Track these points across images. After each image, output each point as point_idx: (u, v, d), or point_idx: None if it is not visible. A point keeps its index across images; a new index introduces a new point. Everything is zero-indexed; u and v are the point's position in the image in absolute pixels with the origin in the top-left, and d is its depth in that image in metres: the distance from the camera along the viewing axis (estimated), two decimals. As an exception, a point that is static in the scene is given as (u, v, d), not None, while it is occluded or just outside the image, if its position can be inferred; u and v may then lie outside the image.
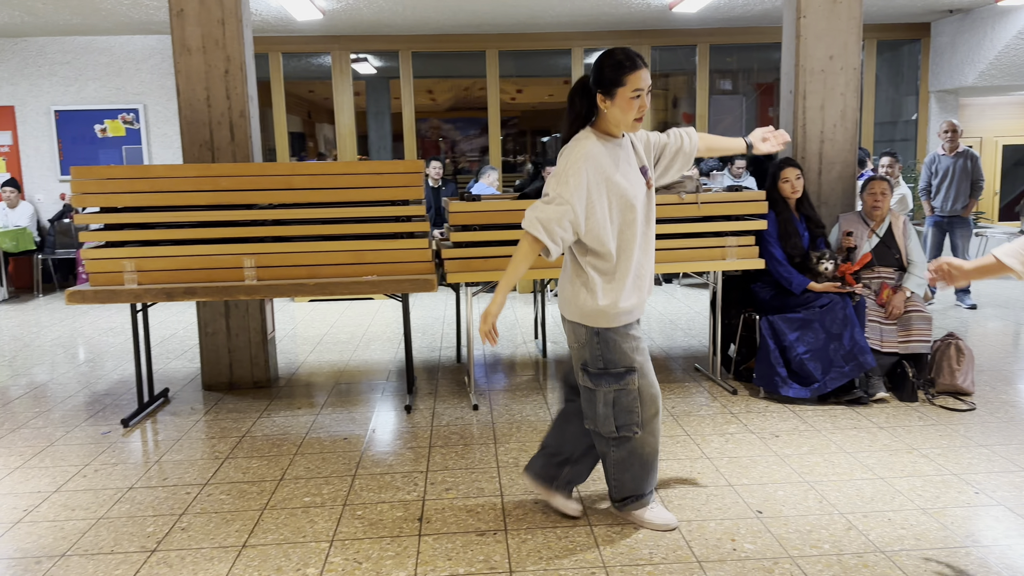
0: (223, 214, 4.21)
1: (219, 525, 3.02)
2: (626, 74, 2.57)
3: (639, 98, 2.60)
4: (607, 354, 2.74)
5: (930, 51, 9.42)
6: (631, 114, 2.61)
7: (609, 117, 2.66)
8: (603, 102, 2.63)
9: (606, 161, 2.65)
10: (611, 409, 2.78)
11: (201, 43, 4.56)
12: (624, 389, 2.76)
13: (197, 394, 4.78)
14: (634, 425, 2.79)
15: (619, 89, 2.58)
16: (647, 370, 2.81)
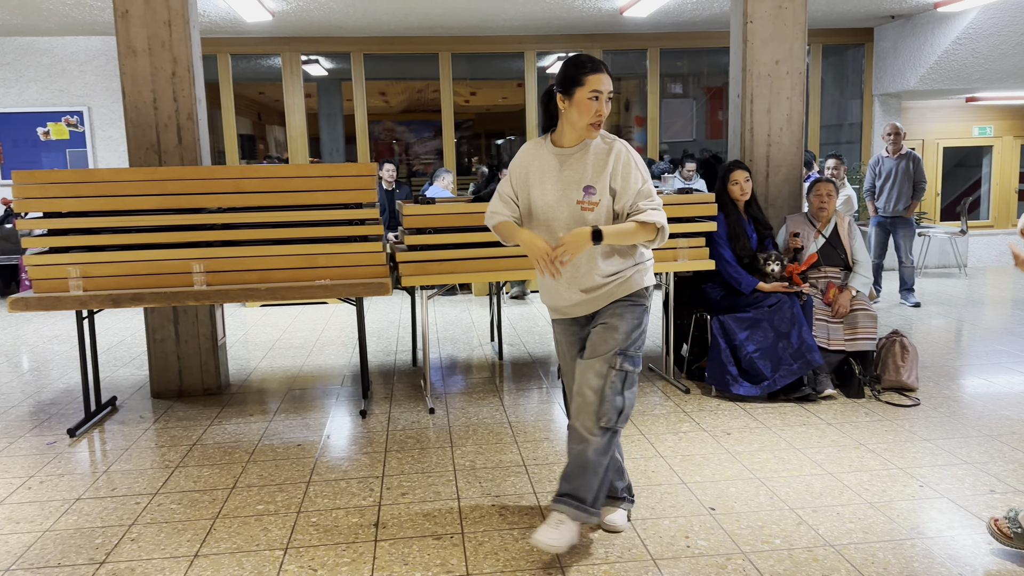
0: (171, 218, 4.13)
1: (170, 535, 2.96)
2: (586, 74, 2.59)
3: (597, 100, 2.60)
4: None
5: (873, 55, 9.68)
6: (587, 117, 2.62)
7: (567, 119, 2.67)
8: (562, 102, 2.64)
9: (534, 164, 2.77)
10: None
11: (147, 45, 4.47)
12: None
13: (146, 402, 4.68)
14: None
15: (578, 89, 2.60)
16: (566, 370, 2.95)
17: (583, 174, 2.70)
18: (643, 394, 4.57)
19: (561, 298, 2.82)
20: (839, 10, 8.38)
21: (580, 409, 2.71)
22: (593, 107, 2.61)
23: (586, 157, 2.71)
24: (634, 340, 2.74)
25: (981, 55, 8.58)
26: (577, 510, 2.69)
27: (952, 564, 2.60)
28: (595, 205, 2.69)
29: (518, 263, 4.35)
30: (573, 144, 2.72)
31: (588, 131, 2.67)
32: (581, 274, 2.75)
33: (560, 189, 2.71)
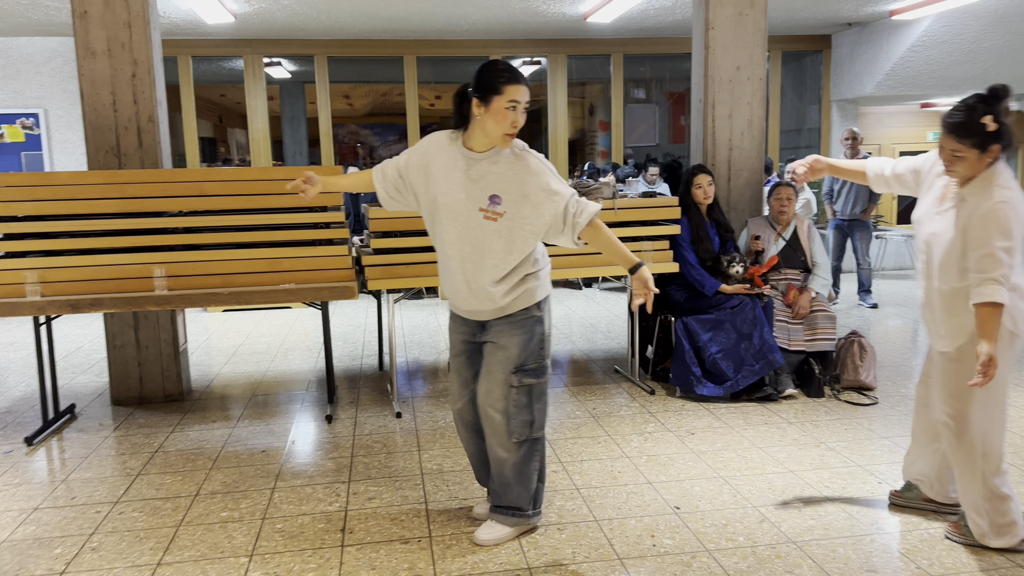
0: (131, 222, 4.07)
1: (132, 544, 2.91)
2: (505, 84, 2.52)
3: (514, 110, 2.53)
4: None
5: (831, 62, 9.87)
6: (504, 126, 2.55)
7: (481, 125, 2.59)
8: (478, 107, 2.56)
9: (439, 158, 2.69)
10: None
11: (106, 46, 4.40)
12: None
13: (106, 409, 4.60)
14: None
15: (495, 97, 2.53)
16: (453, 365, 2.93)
17: (491, 182, 2.63)
18: (609, 395, 4.61)
19: (460, 298, 2.79)
20: (798, 17, 8.54)
21: (491, 430, 2.80)
22: (510, 117, 2.53)
23: (496, 166, 2.63)
24: (531, 353, 2.76)
25: (935, 62, 8.80)
26: (517, 518, 2.86)
27: (910, 558, 2.67)
28: (499, 216, 2.63)
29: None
30: (483, 149, 2.65)
31: (503, 141, 2.59)
32: (477, 288, 2.72)
33: (466, 192, 2.64)
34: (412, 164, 2.77)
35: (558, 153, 9.62)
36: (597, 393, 4.68)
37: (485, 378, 2.80)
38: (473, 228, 2.65)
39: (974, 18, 8.19)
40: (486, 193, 2.63)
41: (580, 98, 12.59)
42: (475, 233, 2.65)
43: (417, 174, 2.76)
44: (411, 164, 2.77)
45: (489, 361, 2.79)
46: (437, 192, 2.69)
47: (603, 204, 4.53)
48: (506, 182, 2.64)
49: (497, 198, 2.63)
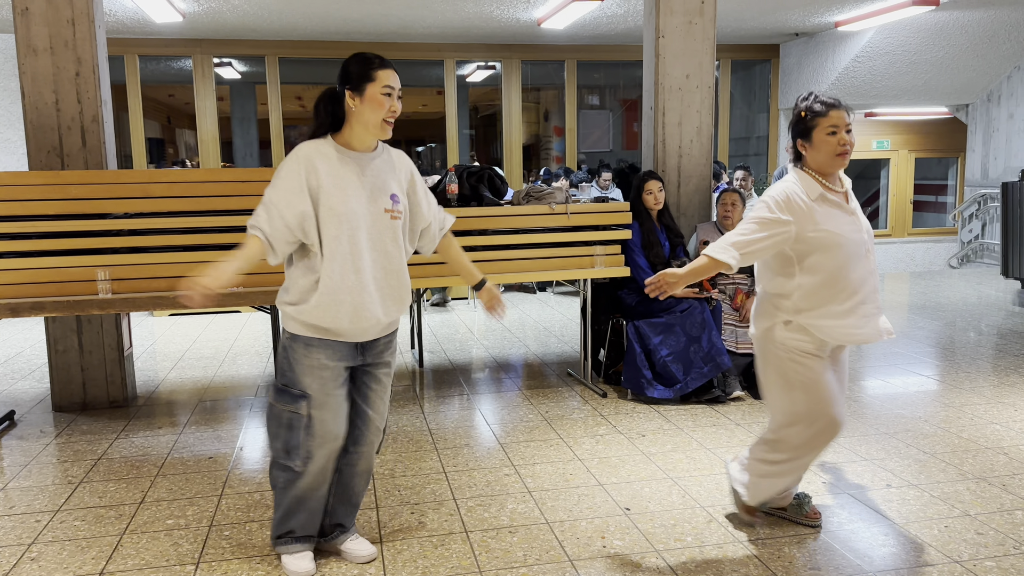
0: (74, 224, 3.97)
1: (74, 553, 2.84)
2: (375, 70, 2.48)
3: (390, 96, 2.49)
4: (287, 369, 2.58)
5: (779, 71, 10.09)
6: (381, 112, 2.48)
7: (358, 118, 2.50)
8: (352, 99, 2.48)
9: (323, 167, 2.49)
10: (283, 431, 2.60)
11: (49, 44, 4.29)
12: (296, 413, 2.56)
13: (47, 416, 4.48)
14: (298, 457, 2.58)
15: (369, 85, 2.46)
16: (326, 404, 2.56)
17: (386, 181, 2.58)
18: (562, 399, 4.64)
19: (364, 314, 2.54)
20: (747, 27, 8.72)
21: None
22: (386, 103, 2.48)
23: (385, 163, 2.61)
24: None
25: (878, 72, 9.06)
26: None
27: (852, 555, 2.74)
28: (400, 214, 2.61)
29: (439, 270, 4.35)
30: (368, 148, 2.58)
31: (381, 130, 2.52)
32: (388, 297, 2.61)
33: (365, 196, 2.52)
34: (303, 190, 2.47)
35: (513, 157, 9.66)
36: (550, 396, 4.71)
37: (379, 402, 2.70)
38: (382, 231, 2.56)
39: (915, 31, 8.46)
40: (386, 193, 2.57)
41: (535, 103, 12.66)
42: (384, 236, 2.57)
43: (312, 192, 2.48)
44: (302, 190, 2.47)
45: (383, 381, 2.70)
46: (333, 203, 2.47)
47: (556, 209, 4.56)
48: (397, 179, 2.63)
49: (396, 196, 2.60)
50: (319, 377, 2.54)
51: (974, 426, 4.04)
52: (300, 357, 2.54)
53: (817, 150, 2.68)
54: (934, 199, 12.16)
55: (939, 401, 4.48)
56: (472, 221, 4.48)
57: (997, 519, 2.99)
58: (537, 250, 4.55)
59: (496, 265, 4.47)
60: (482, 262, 4.44)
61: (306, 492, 2.65)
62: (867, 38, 8.53)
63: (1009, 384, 4.79)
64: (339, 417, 2.59)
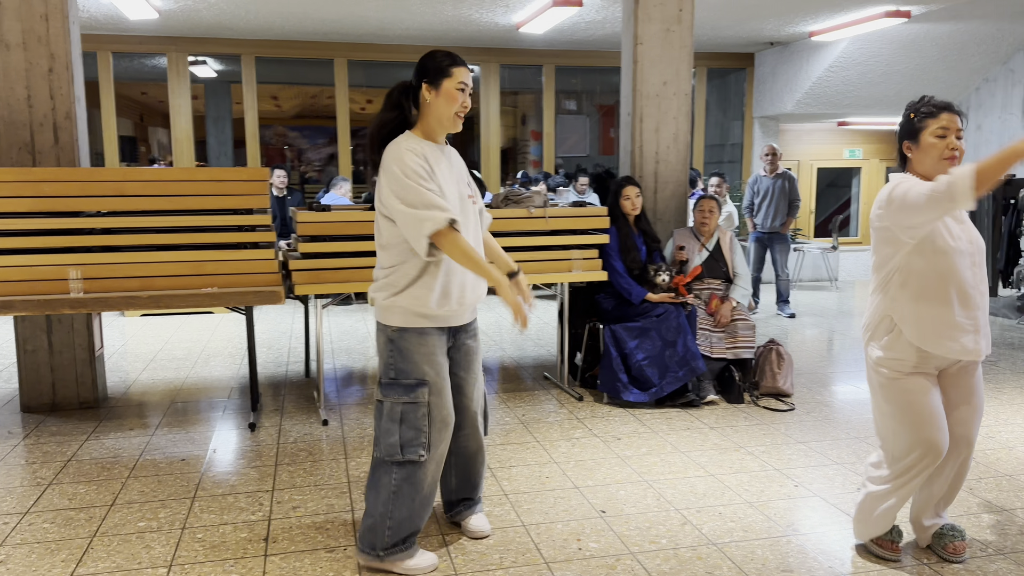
0: (45, 222, 3.91)
1: (42, 556, 2.79)
2: (452, 66, 2.62)
3: (463, 91, 2.63)
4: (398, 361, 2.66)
5: (754, 80, 10.20)
6: (454, 106, 2.62)
7: (432, 111, 2.63)
8: (428, 91, 2.61)
9: (431, 159, 2.61)
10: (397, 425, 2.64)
11: (21, 39, 4.23)
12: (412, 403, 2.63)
13: (15, 417, 4.40)
14: (420, 447, 2.63)
15: (445, 80, 2.60)
16: (442, 389, 2.67)
17: (461, 170, 2.78)
18: (538, 402, 4.65)
19: (467, 294, 2.71)
20: (723, 35, 8.81)
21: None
22: (459, 98, 2.63)
23: (453, 155, 2.78)
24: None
25: (851, 82, 9.19)
26: None
27: (823, 558, 2.78)
28: (476, 199, 2.79)
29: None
30: (442, 142, 2.73)
31: (454, 123, 2.65)
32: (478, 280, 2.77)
33: (459, 182, 2.72)
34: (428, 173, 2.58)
35: (490, 161, 9.66)
36: (526, 400, 4.71)
37: (476, 381, 2.86)
38: (471, 216, 2.73)
39: (888, 42, 8.60)
40: (464, 180, 2.76)
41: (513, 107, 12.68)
42: (470, 220, 2.72)
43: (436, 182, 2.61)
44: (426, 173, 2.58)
45: (475, 361, 2.84)
46: (444, 193, 2.60)
47: (535, 213, 4.57)
48: (463, 168, 2.81)
49: (470, 183, 2.80)
50: (435, 363, 2.65)
51: (942, 431, 4.11)
52: (414, 347, 2.63)
53: (925, 153, 2.59)
54: (904, 208, 12.33)
55: (908, 406, 4.55)
56: (450, 224, 4.47)
57: (964, 522, 3.05)
58: (515, 253, 4.55)
59: (473, 268, 4.47)
60: (459, 265, 4.44)
61: (430, 484, 2.71)
62: (841, 48, 8.65)
63: (976, 390, 4.88)
64: (451, 401, 2.72)
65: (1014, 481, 3.44)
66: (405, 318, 2.64)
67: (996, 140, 9.44)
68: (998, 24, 8.34)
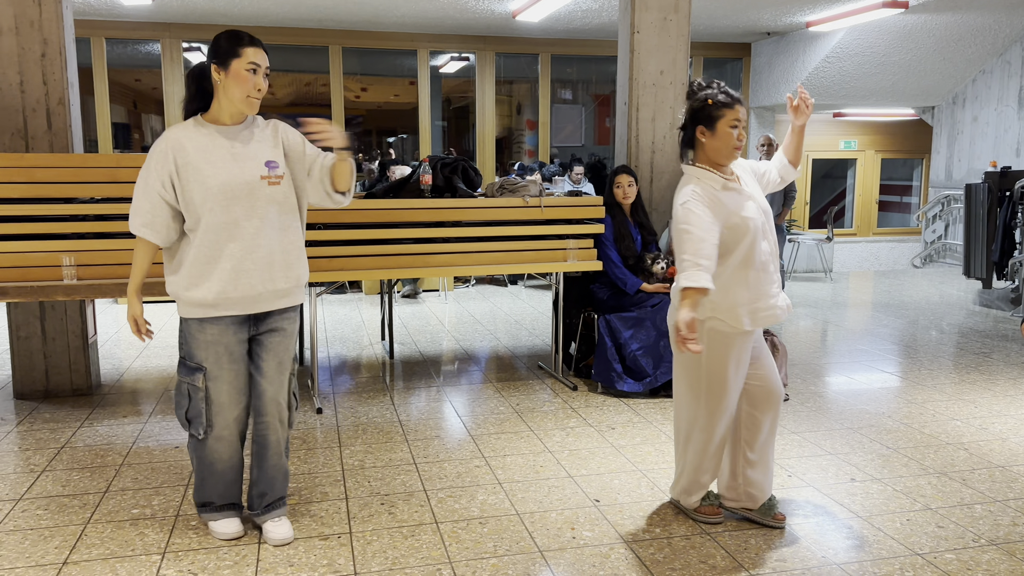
0: (38, 208, 3.89)
1: (36, 542, 2.79)
2: (242, 47, 2.54)
3: (255, 73, 2.56)
4: (184, 344, 2.72)
5: (750, 70, 10.19)
6: (246, 88, 2.55)
7: (223, 93, 2.58)
8: (218, 72, 2.56)
9: (191, 145, 2.58)
10: (185, 400, 2.73)
11: (14, 23, 4.19)
12: (193, 384, 2.70)
13: (8, 404, 4.39)
14: (200, 426, 2.73)
15: (234, 61, 2.53)
16: (220, 376, 2.69)
17: (259, 150, 2.65)
18: (532, 391, 4.65)
19: (254, 280, 2.69)
20: (720, 25, 8.78)
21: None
22: (251, 80, 2.55)
23: (258, 131, 2.69)
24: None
25: (847, 73, 9.19)
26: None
27: (816, 548, 2.79)
28: (281, 179, 2.67)
29: (410, 261, 4.34)
30: (236, 122, 2.65)
31: (247, 104, 2.59)
32: (276, 264, 2.74)
33: (236, 166, 2.60)
34: (165, 174, 2.58)
35: (486, 150, 9.64)
36: (521, 389, 4.71)
37: (277, 371, 2.78)
38: (260, 200, 2.63)
39: (884, 33, 8.59)
40: (260, 160, 2.64)
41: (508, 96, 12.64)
42: (265, 205, 2.64)
43: (172, 179, 2.58)
44: (164, 175, 2.58)
45: (273, 349, 2.76)
46: (205, 178, 2.55)
47: (530, 201, 4.57)
48: (269, 144, 2.69)
49: (273, 163, 2.67)
50: (213, 352, 2.68)
51: (935, 422, 4.13)
52: (195, 333, 2.68)
53: (721, 141, 2.73)
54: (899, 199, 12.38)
55: (902, 397, 4.57)
56: (445, 212, 4.46)
57: (957, 513, 3.06)
58: (510, 243, 4.55)
59: (469, 257, 4.47)
60: (455, 253, 4.43)
61: (213, 460, 2.79)
62: (837, 39, 8.64)
63: (970, 382, 4.90)
64: (233, 388, 2.72)
65: (1007, 472, 3.46)
66: (186, 309, 2.71)
67: (992, 132, 9.45)
68: (994, 16, 8.33)
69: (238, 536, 2.83)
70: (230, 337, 2.68)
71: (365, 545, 2.79)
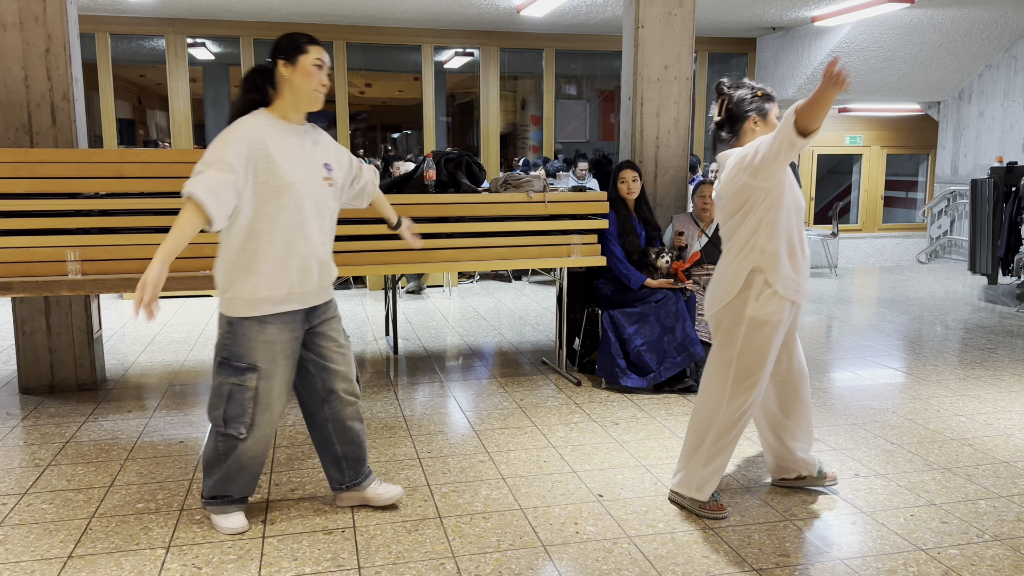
0: (43, 203, 3.90)
1: (41, 536, 2.80)
2: (308, 44, 2.66)
3: (320, 69, 2.66)
4: (233, 345, 2.69)
5: (755, 65, 10.15)
6: (312, 82, 2.65)
7: (289, 87, 2.65)
8: (285, 67, 2.64)
9: (271, 140, 2.61)
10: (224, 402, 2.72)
11: (18, 18, 4.20)
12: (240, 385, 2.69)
13: (13, 398, 4.40)
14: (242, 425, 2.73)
15: (302, 56, 2.63)
16: (273, 374, 2.72)
17: (320, 152, 2.77)
18: (536, 387, 4.65)
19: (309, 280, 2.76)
20: (724, 20, 8.75)
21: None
22: (316, 75, 2.66)
23: (318, 135, 2.81)
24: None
25: (853, 68, 9.15)
26: None
27: (820, 543, 2.78)
28: (332, 182, 2.79)
29: (415, 256, 4.34)
30: (299, 121, 2.74)
31: (312, 99, 2.68)
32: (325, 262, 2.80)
33: (308, 165, 2.69)
34: (243, 157, 2.56)
35: (490, 146, 9.63)
36: (524, 384, 4.72)
37: (343, 364, 2.87)
38: (322, 199, 2.75)
39: (890, 28, 8.55)
40: (321, 162, 2.76)
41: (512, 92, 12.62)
42: (324, 204, 2.76)
43: (250, 164, 2.58)
44: (242, 157, 2.56)
45: (337, 333, 2.85)
46: (283, 173, 2.61)
47: (534, 197, 4.56)
48: (329, 149, 2.84)
49: (329, 165, 2.79)
50: (270, 351, 2.69)
51: (940, 418, 4.12)
52: (251, 333, 2.66)
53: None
54: (905, 195, 12.33)
55: (906, 393, 4.56)
56: (449, 208, 4.46)
57: (961, 508, 3.06)
58: (514, 238, 4.54)
59: (473, 252, 4.46)
60: (459, 249, 4.43)
61: (246, 459, 2.80)
62: (843, 34, 8.61)
63: (974, 377, 4.88)
64: (285, 386, 2.77)
65: (1011, 468, 3.45)
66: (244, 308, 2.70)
67: (998, 127, 9.41)
68: (1001, 10, 8.29)
69: (244, 531, 2.85)
70: (287, 335, 2.72)
71: (369, 539, 2.79)
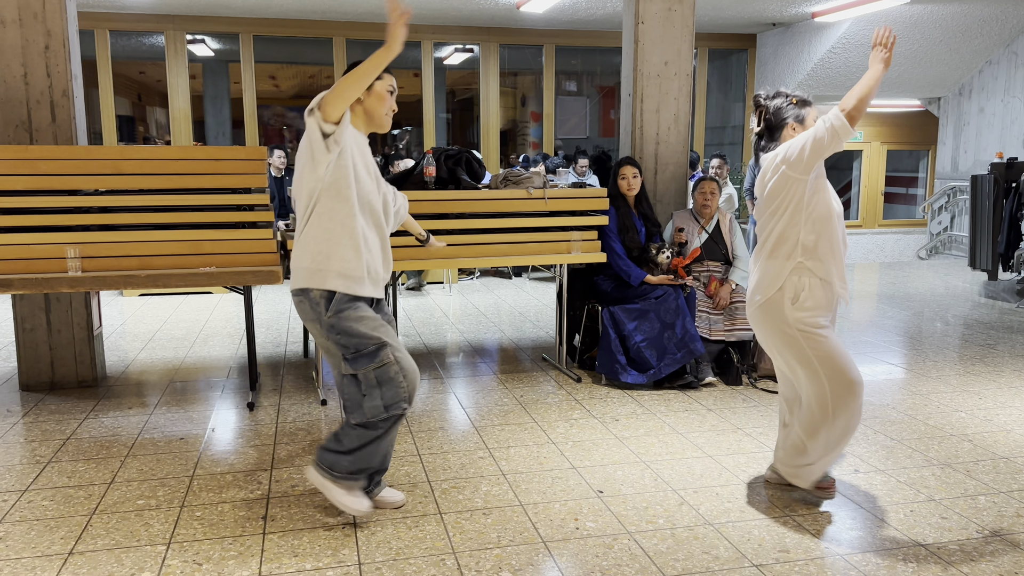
0: (43, 200, 3.90)
1: (41, 533, 2.80)
2: (386, 71, 2.77)
3: (392, 95, 2.82)
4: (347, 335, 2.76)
5: (755, 61, 10.14)
6: (384, 107, 2.80)
7: (363, 109, 2.80)
8: (363, 91, 2.72)
9: (354, 140, 2.79)
10: (378, 389, 2.77)
11: (17, 15, 4.19)
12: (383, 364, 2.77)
13: (14, 395, 4.41)
14: (403, 400, 2.81)
15: (377, 82, 2.76)
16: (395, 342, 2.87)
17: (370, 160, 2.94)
18: (536, 383, 4.66)
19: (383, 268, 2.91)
20: (724, 16, 8.74)
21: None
22: (388, 101, 2.81)
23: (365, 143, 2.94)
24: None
25: (853, 64, 9.14)
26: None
27: (820, 538, 2.79)
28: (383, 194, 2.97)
29: (414, 252, 4.34)
30: (364, 129, 2.88)
31: (385, 120, 2.82)
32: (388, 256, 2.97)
33: (374, 174, 2.89)
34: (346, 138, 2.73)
35: (490, 142, 9.63)
36: (525, 381, 4.72)
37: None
38: (378, 202, 2.89)
39: (890, 23, 8.53)
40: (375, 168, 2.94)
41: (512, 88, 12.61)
42: (379, 203, 2.90)
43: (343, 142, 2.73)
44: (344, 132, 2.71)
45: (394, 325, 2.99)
46: (358, 167, 2.78)
47: (534, 194, 4.56)
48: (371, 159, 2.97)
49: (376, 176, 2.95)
50: (378, 323, 2.79)
51: (940, 414, 4.12)
52: (355, 316, 2.75)
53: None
54: (905, 191, 12.33)
55: (906, 389, 4.56)
56: (449, 204, 4.46)
57: (961, 504, 3.06)
58: (514, 235, 4.54)
59: (473, 249, 4.46)
60: (459, 245, 4.43)
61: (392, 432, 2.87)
62: (843, 29, 8.60)
63: (974, 373, 4.89)
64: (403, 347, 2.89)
65: (1011, 463, 3.45)
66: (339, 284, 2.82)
67: (999, 123, 9.41)
68: (1001, 6, 8.28)
69: (368, 512, 2.87)
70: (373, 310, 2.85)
71: (369, 536, 2.79)
